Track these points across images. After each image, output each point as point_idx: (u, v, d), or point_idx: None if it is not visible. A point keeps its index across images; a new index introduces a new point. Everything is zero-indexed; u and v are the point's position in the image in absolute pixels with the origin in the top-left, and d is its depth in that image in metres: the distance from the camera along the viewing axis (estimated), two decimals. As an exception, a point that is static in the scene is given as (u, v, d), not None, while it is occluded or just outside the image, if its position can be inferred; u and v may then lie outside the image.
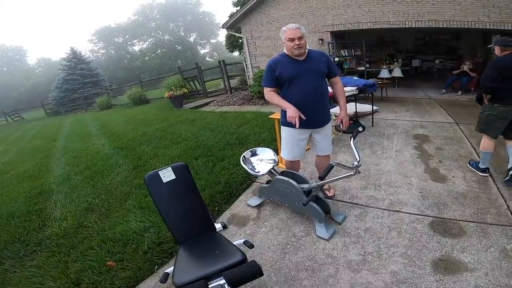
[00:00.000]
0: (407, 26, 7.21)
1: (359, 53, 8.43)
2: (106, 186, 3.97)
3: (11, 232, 3.15)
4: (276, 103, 2.40)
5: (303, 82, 2.34)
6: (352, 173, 2.12)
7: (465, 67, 7.12)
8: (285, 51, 2.41)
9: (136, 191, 3.63)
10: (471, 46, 9.41)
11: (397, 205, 2.70)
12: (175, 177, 1.94)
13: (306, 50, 2.38)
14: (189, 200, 1.97)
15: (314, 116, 2.41)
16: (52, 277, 2.31)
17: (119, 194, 3.62)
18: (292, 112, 2.21)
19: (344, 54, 8.47)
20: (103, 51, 47.13)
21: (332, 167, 2.09)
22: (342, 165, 2.20)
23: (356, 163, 2.08)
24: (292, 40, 2.27)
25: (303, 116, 2.21)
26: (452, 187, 2.89)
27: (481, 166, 3.13)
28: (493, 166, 3.20)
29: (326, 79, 2.53)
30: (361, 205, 2.77)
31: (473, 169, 3.21)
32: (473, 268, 1.90)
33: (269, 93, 2.45)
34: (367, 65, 8.21)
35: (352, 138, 2.26)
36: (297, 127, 2.21)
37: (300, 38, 2.27)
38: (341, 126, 2.54)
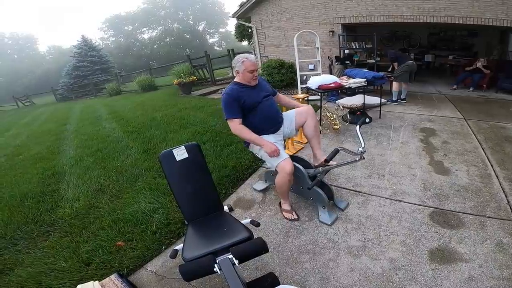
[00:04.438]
0: (421, 21, 7.07)
1: (370, 46, 8.35)
2: (117, 168, 4.08)
3: (24, 213, 3.21)
4: (248, 138, 2.42)
5: (266, 105, 2.51)
6: (357, 158, 2.17)
7: (479, 64, 7.03)
8: (238, 80, 2.53)
9: (145, 173, 3.73)
10: (486, 43, 9.24)
11: (399, 194, 2.75)
12: (187, 156, 2.01)
13: None
14: (200, 179, 2.05)
15: (279, 124, 2.62)
16: (64, 257, 2.38)
17: (130, 176, 3.72)
18: (271, 147, 2.31)
19: (354, 47, 8.40)
20: (113, 39, 47.29)
21: (338, 151, 2.15)
22: (347, 150, 2.25)
23: (361, 149, 2.13)
24: (252, 71, 2.43)
25: (278, 146, 2.35)
26: (454, 180, 2.92)
27: (394, 99, 6.07)
28: (498, 163, 3.22)
29: None
30: (364, 193, 2.83)
31: (393, 103, 6.04)
32: (468, 259, 1.95)
33: (238, 126, 2.39)
34: (378, 58, 8.13)
35: (358, 126, 2.30)
36: (279, 155, 2.31)
37: (256, 70, 2.49)
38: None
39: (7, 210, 3.35)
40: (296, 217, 2.56)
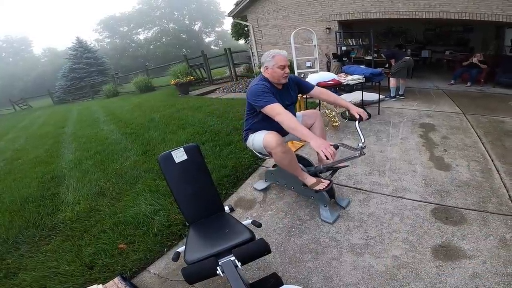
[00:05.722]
0: (417, 16, 7.10)
1: (367, 42, 8.36)
2: (116, 170, 4.06)
3: (25, 217, 3.20)
4: (293, 127, 2.01)
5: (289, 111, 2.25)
6: (357, 154, 2.15)
7: (475, 59, 7.05)
8: (267, 76, 2.28)
9: (145, 175, 3.71)
10: (482, 38, 9.26)
11: (401, 191, 2.74)
12: (186, 158, 1.99)
13: None
14: (200, 180, 2.03)
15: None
16: (67, 260, 2.37)
17: (129, 178, 3.69)
18: (321, 145, 1.88)
19: (351, 44, 8.40)
20: (108, 40, 47.10)
21: (338, 147, 2.08)
22: (347, 146, 2.23)
23: (361, 144, 2.11)
24: (283, 67, 2.21)
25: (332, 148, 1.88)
26: (455, 176, 2.92)
27: (392, 95, 6.08)
28: (498, 157, 3.22)
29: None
30: (365, 190, 2.82)
31: (391, 99, 6.02)
32: (472, 255, 1.94)
33: (283, 109, 2.08)
34: (375, 55, 8.14)
35: (357, 121, 2.29)
36: (333, 159, 1.87)
37: (288, 67, 2.26)
38: (359, 118, 2.33)
39: (8, 215, 3.34)
40: (329, 181, 2.31)
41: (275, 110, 2.08)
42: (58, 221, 3.03)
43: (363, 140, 2.16)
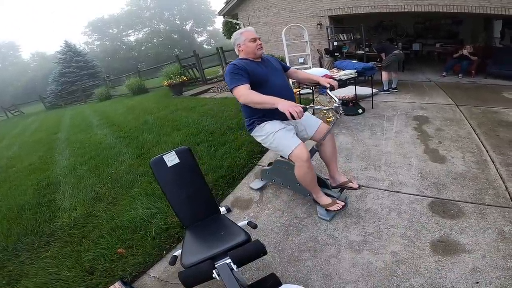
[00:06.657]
0: (406, 10, 7.13)
1: (358, 37, 8.36)
2: (112, 175, 4.02)
3: (23, 224, 3.19)
4: (258, 101, 2.00)
5: (274, 81, 2.23)
6: (338, 116, 2.20)
7: (465, 51, 7.11)
8: (242, 55, 2.29)
9: (141, 178, 3.68)
10: (472, 30, 9.34)
11: (397, 185, 2.74)
12: (179, 161, 1.97)
13: None
14: (194, 183, 2.01)
15: None
16: (67, 266, 2.37)
17: (125, 183, 3.67)
18: (287, 105, 1.83)
19: (343, 39, 8.40)
20: (98, 42, 46.64)
21: (306, 109, 1.91)
22: (318, 108, 2.22)
23: (335, 104, 2.11)
24: (254, 40, 2.23)
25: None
26: (451, 168, 2.93)
27: (385, 88, 6.14)
28: (493, 148, 3.23)
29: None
30: (362, 186, 2.79)
31: (384, 93, 6.08)
32: (471, 249, 1.93)
33: (246, 90, 2.02)
34: (367, 49, 8.16)
35: (328, 89, 2.32)
36: (300, 118, 1.81)
37: (259, 39, 2.27)
38: (330, 87, 2.33)
39: (5, 223, 3.32)
40: (344, 203, 2.31)
41: (240, 92, 2.04)
42: (56, 228, 3.02)
43: (337, 100, 2.20)
